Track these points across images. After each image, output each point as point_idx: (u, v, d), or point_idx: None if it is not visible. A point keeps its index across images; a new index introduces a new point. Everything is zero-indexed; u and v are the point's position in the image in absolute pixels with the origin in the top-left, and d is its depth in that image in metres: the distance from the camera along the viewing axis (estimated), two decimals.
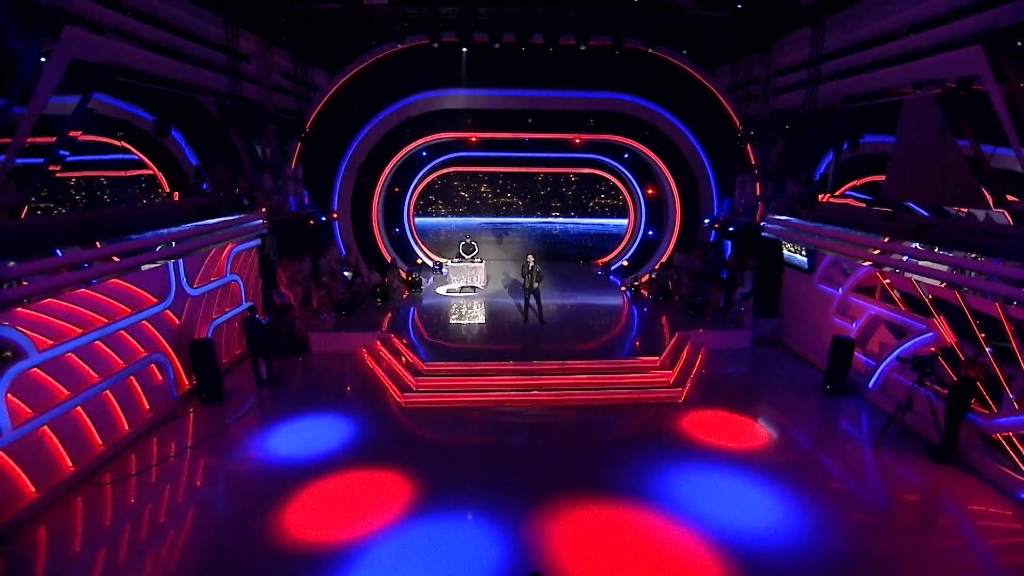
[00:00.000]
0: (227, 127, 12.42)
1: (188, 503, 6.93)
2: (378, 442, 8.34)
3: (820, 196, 11.90)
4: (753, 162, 14.33)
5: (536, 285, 12.28)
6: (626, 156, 17.41)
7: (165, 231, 8.22)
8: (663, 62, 14.37)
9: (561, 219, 21.13)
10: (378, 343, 11.55)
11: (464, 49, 13.65)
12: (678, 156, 15.67)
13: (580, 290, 15.14)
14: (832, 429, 9.10)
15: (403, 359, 10.78)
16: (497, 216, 20.95)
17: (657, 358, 10.54)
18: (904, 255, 8.17)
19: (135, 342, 8.49)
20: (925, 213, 10.29)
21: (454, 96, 14.67)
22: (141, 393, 8.52)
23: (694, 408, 9.47)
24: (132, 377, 8.32)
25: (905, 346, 9.07)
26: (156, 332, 8.95)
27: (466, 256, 15.49)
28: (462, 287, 15.38)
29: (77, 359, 7.42)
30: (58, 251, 6.51)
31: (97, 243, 7.03)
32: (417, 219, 19.86)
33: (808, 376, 10.86)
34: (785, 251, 12.43)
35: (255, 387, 10.21)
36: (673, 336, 11.63)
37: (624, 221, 19.78)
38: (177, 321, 9.48)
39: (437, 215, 20.56)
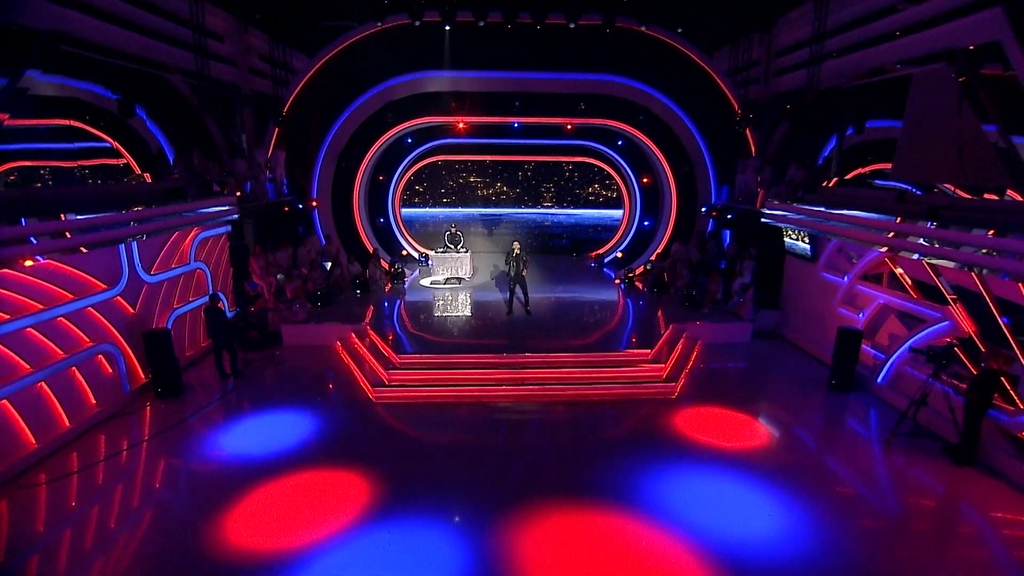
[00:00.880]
0: (201, 110, 11.79)
1: (124, 506, 6.23)
2: (342, 440, 7.70)
3: (824, 182, 11.20)
4: (753, 147, 13.66)
5: (522, 273, 11.62)
6: (620, 143, 16.72)
7: (112, 214, 7.51)
8: (657, 42, 13.70)
9: (554, 210, 20.41)
10: (353, 336, 10.92)
11: (448, 28, 12.98)
12: (674, 142, 15.02)
13: (571, 283, 14.51)
14: (839, 427, 8.42)
15: (376, 352, 10.13)
16: (487, 207, 20.28)
17: (649, 351, 9.92)
18: (920, 236, 7.42)
19: (79, 331, 7.78)
20: (918, 193, 9.58)
21: (438, 78, 14.05)
22: (86, 386, 7.81)
23: (688, 404, 8.82)
24: (75, 369, 7.61)
25: (918, 336, 8.34)
26: (105, 321, 8.24)
27: (451, 246, 14.79)
28: (447, 279, 14.77)
29: (4, 348, 6.70)
30: None
31: (22, 221, 6.31)
32: (404, 210, 19.20)
33: (812, 371, 10.21)
34: (787, 239, 11.76)
35: (218, 381, 9.52)
36: (667, 329, 11.01)
37: (620, 212, 19.12)
38: (131, 310, 8.78)
39: (424, 205, 19.86)
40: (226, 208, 10.38)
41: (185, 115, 11.64)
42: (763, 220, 11.51)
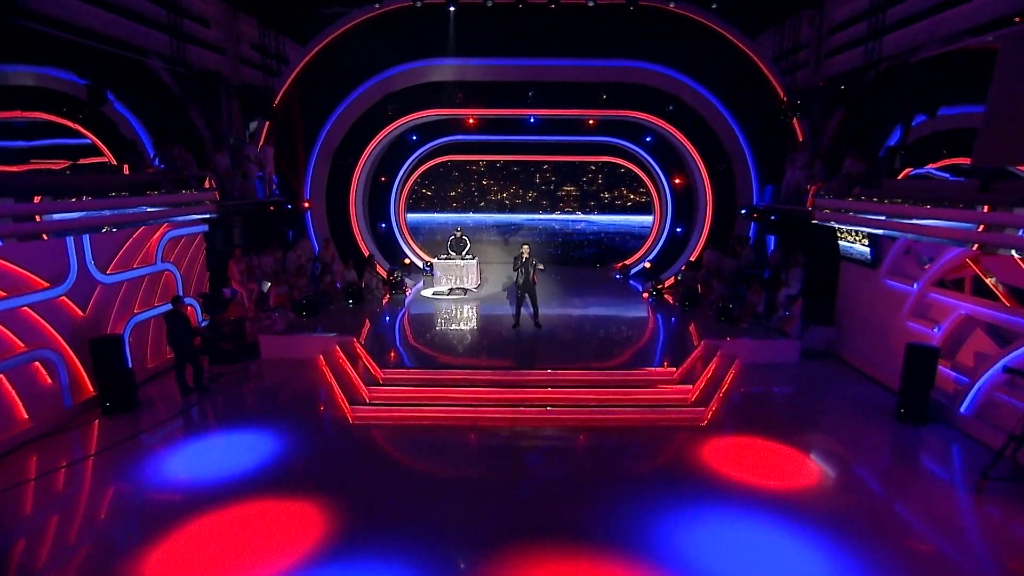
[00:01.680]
0: (184, 100, 11.56)
1: (39, 536, 5.59)
2: (306, 464, 7.05)
3: (888, 175, 10.17)
4: (801, 139, 12.67)
5: (532, 280, 10.89)
6: (649, 139, 15.93)
7: (53, 202, 7.04)
8: (688, 22, 12.99)
9: (576, 216, 19.68)
10: (337, 349, 10.36)
11: (452, 8, 12.55)
12: (709, 136, 14.15)
13: (592, 297, 13.74)
14: (911, 467, 7.32)
15: (359, 366, 9.54)
16: (502, 212, 19.67)
17: (674, 370, 9.05)
18: (1019, 228, 6.34)
19: (11, 334, 7.29)
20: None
21: (442, 67, 13.59)
22: (16, 398, 7.30)
23: (721, 433, 7.88)
24: (1, 377, 7.10)
25: (1015, 354, 7.15)
26: (46, 324, 7.76)
27: (455, 253, 14.14)
28: (451, 289, 14.11)
29: None
30: None
31: None
32: (410, 215, 18.78)
33: (875, 397, 9.14)
34: (842, 242, 10.77)
35: (180, 396, 8.97)
36: (698, 345, 10.17)
37: (650, 218, 18.25)
38: (80, 313, 8.31)
39: (433, 210, 19.37)
40: (198, 205, 9.93)
41: (167, 105, 11.40)
42: (814, 221, 10.55)
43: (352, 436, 7.92)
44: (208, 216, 10.47)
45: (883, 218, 8.52)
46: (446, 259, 14.16)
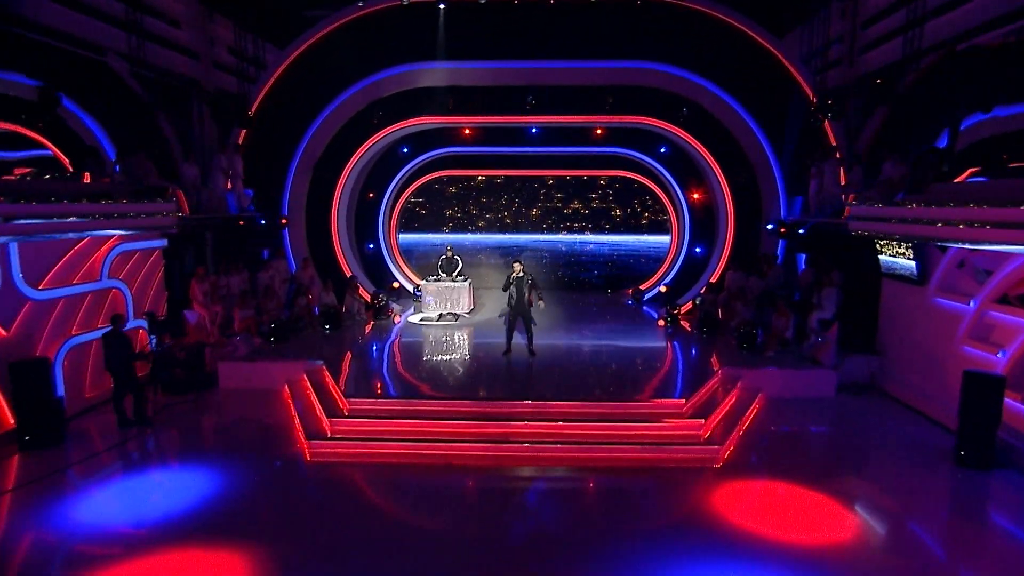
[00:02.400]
0: (151, 106, 11.44)
1: None
2: (250, 507, 6.53)
3: (934, 179, 9.49)
4: (835, 143, 12.09)
5: (527, 301, 10.35)
6: (663, 150, 15.46)
7: None
8: (703, 18, 12.64)
9: (586, 236, 19.23)
10: (304, 378, 9.85)
11: (442, 6, 12.38)
12: (730, 144, 13.68)
13: (601, 325, 13.14)
14: (976, 521, 6.50)
15: (324, 396, 9.04)
16: (503, 232, 19.27)
17: (682, 401, 8.41)
18: None
19: None
20: None
21: (432, 71, 13.39)
22: None
23: (738, 477, 7.20)
24: None
25: None
26: None
27: (445, 275, 13.65)
28: (441, 315, 13.59)
29: None
30: None
31: None
32: (402, 236, 18.50)
33: (929, 437, 8.34)
34: (882, 256, 10.10)
35: (117, 429, 8.44)
36: (714, 375, 9.55)
37: (666, 238, 17.68)
38: (3, 332, 7.84)
39: (427, 231, 19.03)
40: (149, 216, 9.50)
41: (132, 112, 11.26)
42: (852, 231, 9.90)
43: (308, 475, 7.42)
44: (168, 230, 10.14)
45: (938, 225, 7.79)
46: (435, 281, 13.62)
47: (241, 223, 12.17)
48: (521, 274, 10.29)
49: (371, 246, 16.45)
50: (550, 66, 13.30)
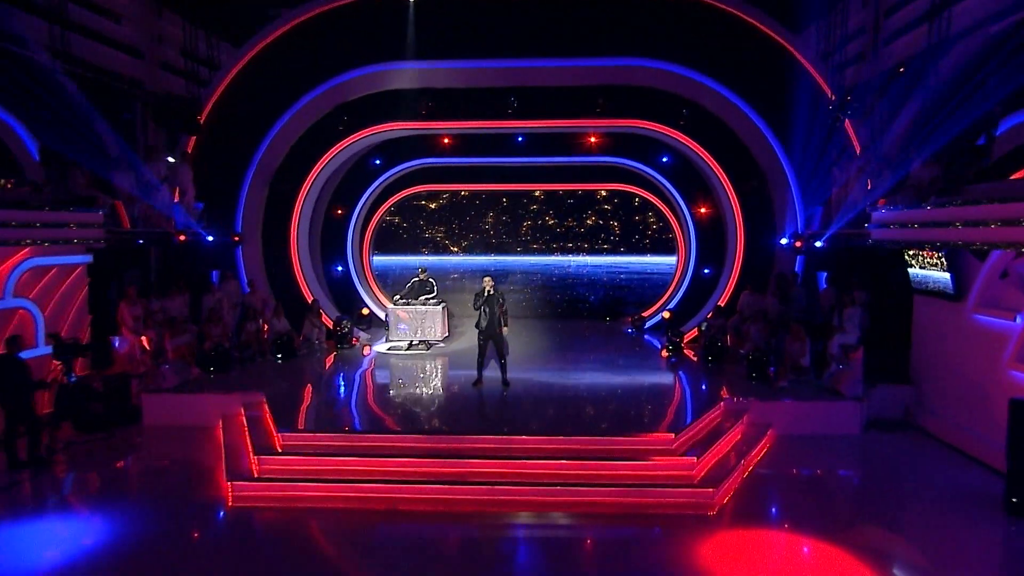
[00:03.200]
0: (86, 109, 11.43)
1: None
2: (144, 564, 6.14)
3: (971, 178, 9.23)
4: (857, 145, 11.87)
5: (498, 324, 10.11)
6: (665, 160, 15.28)
7: None
8: (705, 9, 12.59)
9: (582, 258, 19.04)
10: (242, 412, 9.58)
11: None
12: (738, 149, 13.56)
13: (594, 358, 12.74)
14: None
15: (258, 431, 8.80)
16: (488, 254, 19.08)
17: (671, 436, 8.04)
18: None
19: None
20: None
21: (403, 71, 13.35)
22: None
23: (738, 526, 6.87)
24: None
25: None
26: None
27: (415, 300, 13.46)
28: (411, 343, 13.31)
29: None
30: None
31: None
32: (378, 258, 18.40)
33: (973, 480, 8.00)
34: (912, 270, 9.84)
35: (7, 470, 8.15)
36: (715, 407, 9.25)
37: (672, 259, 17.45)
38: None
39: (405, 252, 18.86)
40: (61, 227, 9.31)
41: (63, 114, 11.20)
42: (874, 240, 9.69)
43: (226, 522, 7.10)
44: (92, 244, 9.99)
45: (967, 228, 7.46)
46: (404, 304, 13.32)
47: (182, 238, 11.97)
48: (491, 291, 10.03)
49: (339, 268, 16.24)
50: (534, 65, 13.23)
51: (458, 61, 13.24)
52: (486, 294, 10.03)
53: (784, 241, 12.94)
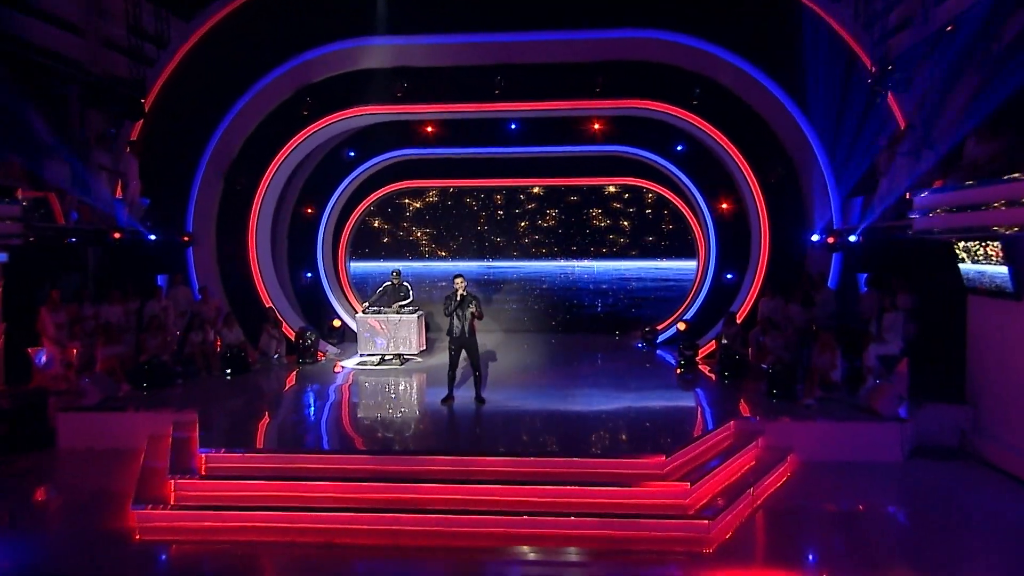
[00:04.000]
0: (12, 91, 11.47)
1: None
2: None
3: None
4: (903, 123, 11.57)
5: (470, 328, 9.98)
6: (679, 148, 15.01)
7: None
8: None
9: (588, 262, 18.91)
10: (171, 432, 9.38)
11: None
12: (761, 131, 13.30)
13: (595, 379, 12.32)
14: None
15: (179, 452, 8.62)
16: (482, 259, 18.90)
17: (662, 458, 7.75)
18: None
19: None
20: None
21: (375, 48, 13.30)
22: None
23: (739, 567, 6.55)
24: None
25: None
26: None
27: (388, 307, 13.22)
28: (383, 357, 13.15)
29: None
30: None
31: None
32: (358, 264, 18.41)
33: None
34: (964, 266, 9.44)
35: None
36: (722, 426, 9.02)
37: (691, 264, 17.23)
38: None
39: (391, 258, 18.72)
40: None
41: None
42: (917, 231, 9.51)
43: (130, 558, 6.82)
44: (6, 240, 9.89)
45: None
46: (375, 312, 13.08)
47: (117, 236, 11.86)
48: (463, 292, 9.83)
49: (309, 275, 16.09)
50: (525, 39, 13.19)
51: (437, 36, 13.21)
52: (458, 297, 9.82)
53: (815, 237, 12.61)
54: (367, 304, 13.63)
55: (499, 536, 7.01)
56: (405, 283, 13.57)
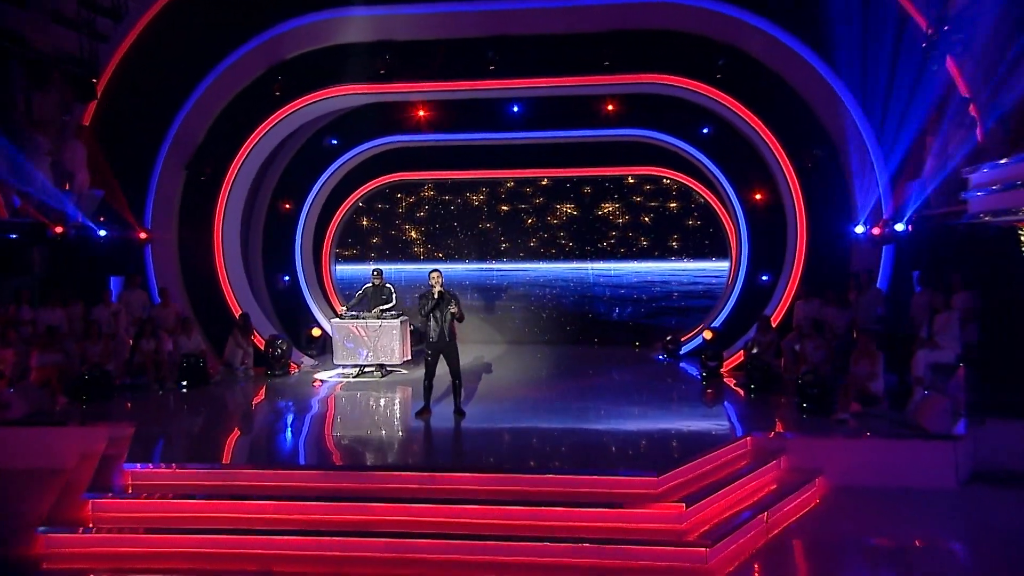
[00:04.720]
0: None
1: None
2: None
3: None
4: (965, 91, 11.27)
5: (449, 331, 9.91)
6: (705, 131, 14.77)
7: None
8: None
9: (604, 263, 18.78)
10: (105, 448, 9.29)
11: None
12: (797, 109, 13.08)
13: (608, 395, 12.14)
14: None
15: (104, 467, 8.59)
16: (483, 260, 18.93)
17: (654, 478, 7.61)
18: None
19: None
20: None
21: (353, 20, 13.28)
22: None
23: None
24: None
25: None
26: None
27: (367, 311, 13.10)
28: (361, 369, 13.09)
29: None
30: None
31: None
32: (344, 266, 18.55)
33: None
34: None
35: None
36: (735, 442, 8.98)
37: (723, 265, 17.01)
38: None
39: (381, 260, 18.72)
40: None
41: None
42: (972, 215, 9.56)
43: None
44: None
45: None
46: (353, 317, 12.96)
47: (59, 230, 11.87)
48: (440, 289, 9.70)
49: (286, 278, 16.11)
50: (524, 6, 13.11)
51: (422, 5, 13.13)
52: (435, 296, 9.66)
53: (859, 229, 12.31)
54: (345, 308, 13.54)
55: (463, 564, 6.93)
56: (388, 284, 13.42)
